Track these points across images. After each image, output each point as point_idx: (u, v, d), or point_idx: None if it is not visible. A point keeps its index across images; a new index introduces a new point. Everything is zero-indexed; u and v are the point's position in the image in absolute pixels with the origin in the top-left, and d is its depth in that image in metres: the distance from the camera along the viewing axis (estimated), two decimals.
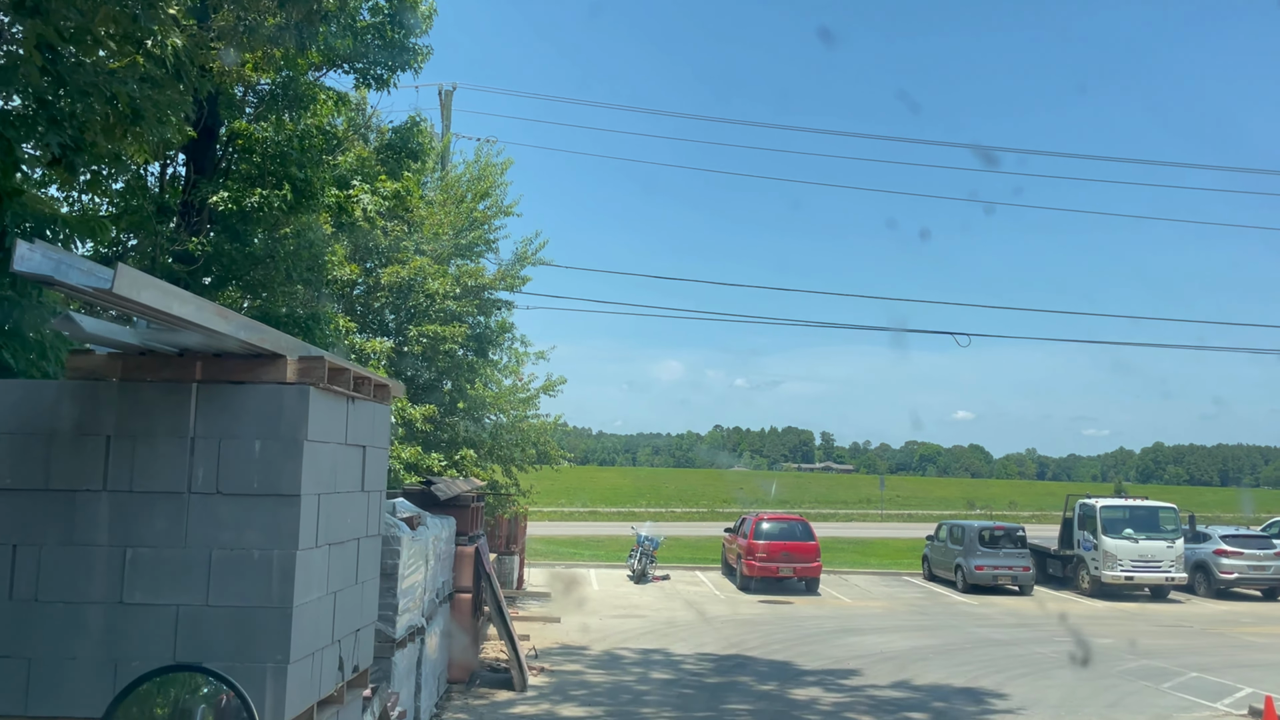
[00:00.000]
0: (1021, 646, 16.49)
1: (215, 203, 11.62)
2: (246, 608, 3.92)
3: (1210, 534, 25.93)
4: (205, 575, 3.94)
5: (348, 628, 4.72)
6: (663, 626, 17.90)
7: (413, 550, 8.53)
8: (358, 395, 4.65)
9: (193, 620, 3.92)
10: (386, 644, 7.93)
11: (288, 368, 4.01)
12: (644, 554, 26.08)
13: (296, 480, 3.97)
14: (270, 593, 3.92)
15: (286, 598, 3.92)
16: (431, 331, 17.92)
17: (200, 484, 3.98)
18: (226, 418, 3.99)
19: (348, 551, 4.65)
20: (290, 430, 3.98)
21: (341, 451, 4.50)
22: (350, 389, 4.48)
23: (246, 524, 3.95)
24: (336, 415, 4.41)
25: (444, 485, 11.81)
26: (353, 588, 4.73)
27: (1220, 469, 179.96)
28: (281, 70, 12.09)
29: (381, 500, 5.23)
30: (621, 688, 12.45)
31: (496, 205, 21.05)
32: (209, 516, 3.96)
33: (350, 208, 12.98)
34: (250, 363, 4.01)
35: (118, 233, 12.05)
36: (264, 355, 3.99)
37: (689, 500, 75.46)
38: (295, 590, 3.94)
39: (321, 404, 4.18)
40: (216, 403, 3.99)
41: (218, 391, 4.00)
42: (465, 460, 18.71)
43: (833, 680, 13.19)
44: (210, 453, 3.99)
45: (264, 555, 3.94)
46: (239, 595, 3.93)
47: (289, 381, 4.02)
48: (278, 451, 3.98)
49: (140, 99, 7.72)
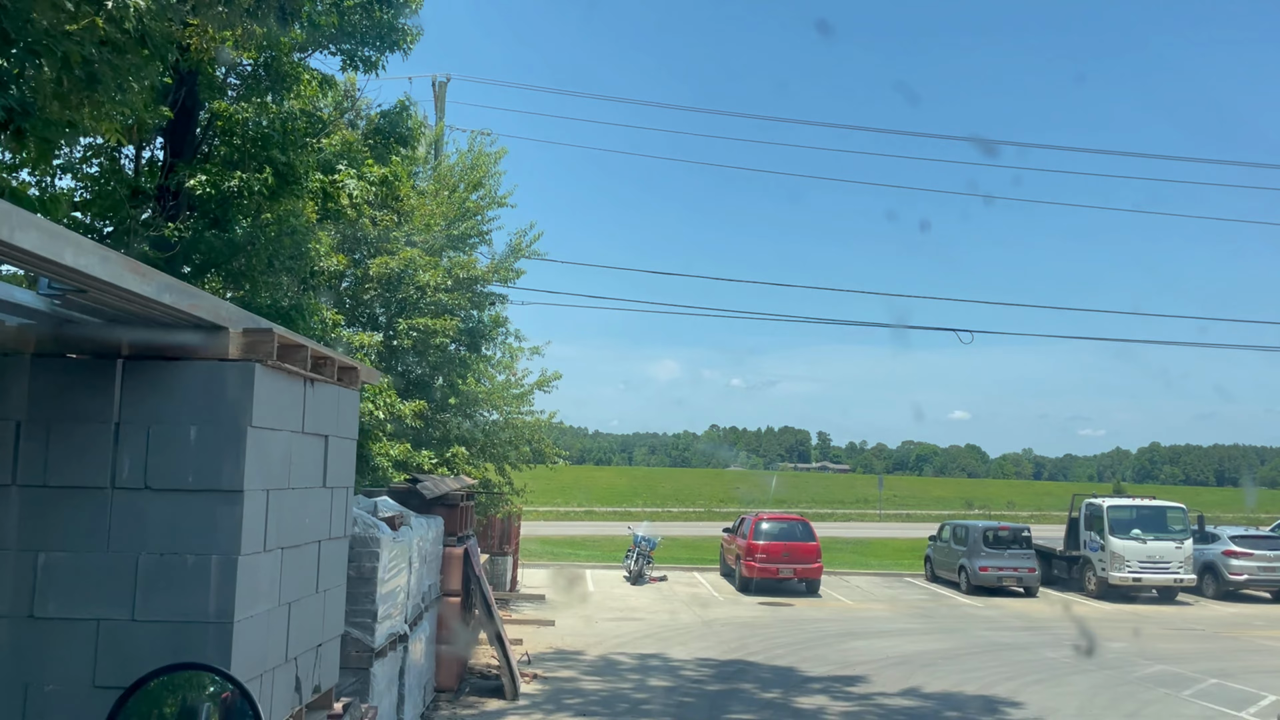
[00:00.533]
0: (1031, 651, 15.95)
1: (193, 186, 11.03)
2: (180, 622, 3.34)
3: (1219, 534, 25.41)
4: (131, 584, 3.36)
5: (306, 643, 4.14)
6: (660, 630, 17.33)
7: (394, 552, 7.95)
8: (318, 377, 4.07)
9: (116, 637, 3.34)
10: (365, 653, 7.36)
11: (230, 341, 3.43)
12: (641, 554, 25.50)
13: (239, 473, 3.38)
14: (207, 605, 3.34)
15: (226, 610, 3.34)
16: (422, 324, 17.32)
17: (126, 477, 3.39)
18: (157, 400, 3.41)
19: (306, 556, 4.06)
20: (232, 415, 3.40)
21: (297, 441, 3.91)
22: (307, 369, 3.89)
23: (180, 524, 3.37)
24: (290, 399, 3.83)
25: (431, 483, 11.22)
26: (312, 597, 4.15)
27: (1216, 469, 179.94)
28: (264, 49, 11.52)
29: (349, 498, 4.65)
30: (618, 696, 11.88)
31: (490, 195, 20.46)
32: (136, 516, 3.38)
33: (336, 194, 12.44)
34: (186, 335, 3.42)
35: (91, 218, 11.50)
36: (203, 326, 3.40)
37: (686, 500, 74.92)
38: (237, 602, 3.35)
39: (271, 385, 3.59)
40: (146, 382, 3.41)
41: (148, 369, 3.41)
42: (457, 458, 18.12)
43: (839, 688, 12.63)
44: (138, 441, 3.40)
45: (200, 561, 3.36)
46: (171, 608, 3.35)
47: (231, 358, 3.44)
48: (217, 439, 3.39)
49: (100, 64, 7.14)
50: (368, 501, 8.63)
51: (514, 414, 20.83)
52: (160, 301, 2.98)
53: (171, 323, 3.36)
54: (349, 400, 4.56)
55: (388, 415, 15.34)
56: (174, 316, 3.24)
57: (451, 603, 11.28)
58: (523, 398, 21.19)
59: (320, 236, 14.36)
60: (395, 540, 8.02)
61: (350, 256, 17.96)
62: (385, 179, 13.18)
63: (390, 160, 13.76)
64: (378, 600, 7.40)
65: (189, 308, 3.16)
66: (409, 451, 16.09)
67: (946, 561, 25.95)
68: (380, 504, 8.80)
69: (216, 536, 3.36)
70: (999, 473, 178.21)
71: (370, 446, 14.97)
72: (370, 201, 15.57)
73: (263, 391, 3.50)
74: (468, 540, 12.11)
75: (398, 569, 8.15)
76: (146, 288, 2.88)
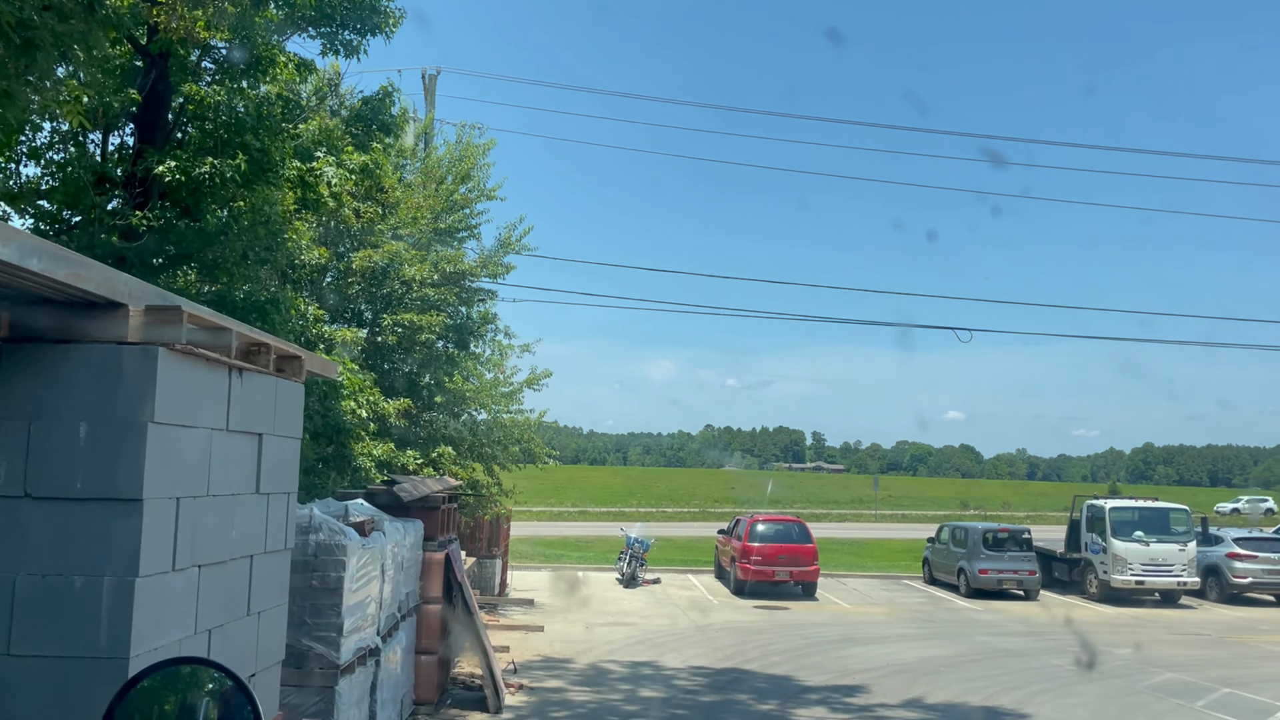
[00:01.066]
0: (1035, 658, 15.43)
1: (162, 173, 10.46)
2: (65, 659, 2.78)
3: (1223, 536, 24.95)
4: (6, 613, 2.80)
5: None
6: (653, 635, 16.77)
7: (364, 559, 7.39)
8: (249, 366, 3.51)
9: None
10: (329, 670, 6.79)
11: (129, 321, 2.87)
12: (634, 556, 24.93)
13: (137, 478, 2.82)
14: (98, 638, 2.78)
15: (121, 644, 2.78)
16: (408, 320, 16.77)
17: (1, 483, 2.83)
18: (38, 391, 2.85)
19: (233, 575, 3.50)
20: (130, 408, 2.84)
21: (221, 441, 3.35)
22: (232, 356, 3.33)
23: (66, 540, 2.81)
24: (210, 390, 3.26)
25: (410, 485, 10.65)
26: (241, 622, 3.58)
27: (1210, 469, 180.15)
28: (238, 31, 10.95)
29: (291, 505, 4.08)
30: (607, 708, 11.32)
31: (479, 188, 19.90)
32: (13, 529, 2.82)
33: (314, 182, 11.91)
34: (75, 314, 2.86)
35: (57, 207, 10.96)
36: (94, 303, 2.84)
37: (680, 500, 74.40)
38: (134, 633, 2.79)
39: (181, 373, 3.03)
40: (24, 370, 2.85)
41: (25, 354, 2.85)
42: (444, 458, 17.57)
43: (838, 699, 12.09)
44: (16, 439, 2.84)
45: (90, 584, 2.80)
46: (54, 642, 2.79)
47: (130, 341, 2.88)
48: (111, 438, 2.84)
49: (40, 29, 6.58)
50: (338, 505, 8.06)
51: (503, 412, 20.28)
52: (25, 269, 2.42)
53: (56, 298, 2.80)
54: (291, 394, 4.00)
55: (371, 414, 14.77)
56: (55, 289, 2.68)
57: (432, 611, 10.71)
58: (512, 396, 20.65)
59: (299, 227, 13.80)
60: (365, 547, 7.45)
61: (333, 250, 17.39)
62: (365, 167, 12.67)
63: (372, 148, 13.21)
64: (344, 612, 6.84)
65: (69, 278, 2.60)
66: (393, 451, 15.54)
67: (945, 564, 25.45)
68: (352, 508, 8.23)
69: (110, 554, 2.80)
70: (993, 473, 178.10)
71: (352, 446, 14.40)
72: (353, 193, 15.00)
73: (170, 381, 2.94)
74: (450, 544, 11.54)
75: (368, 577, 7.59)
76: (3, 251, 2.32)
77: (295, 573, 6.58)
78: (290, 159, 11.50)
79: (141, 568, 2.83)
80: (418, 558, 10.42)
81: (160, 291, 3.02)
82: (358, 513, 8.11)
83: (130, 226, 10.37)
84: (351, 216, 16.99)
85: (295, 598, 6.53)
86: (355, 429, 14.37)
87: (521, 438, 20.32)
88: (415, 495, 10.44)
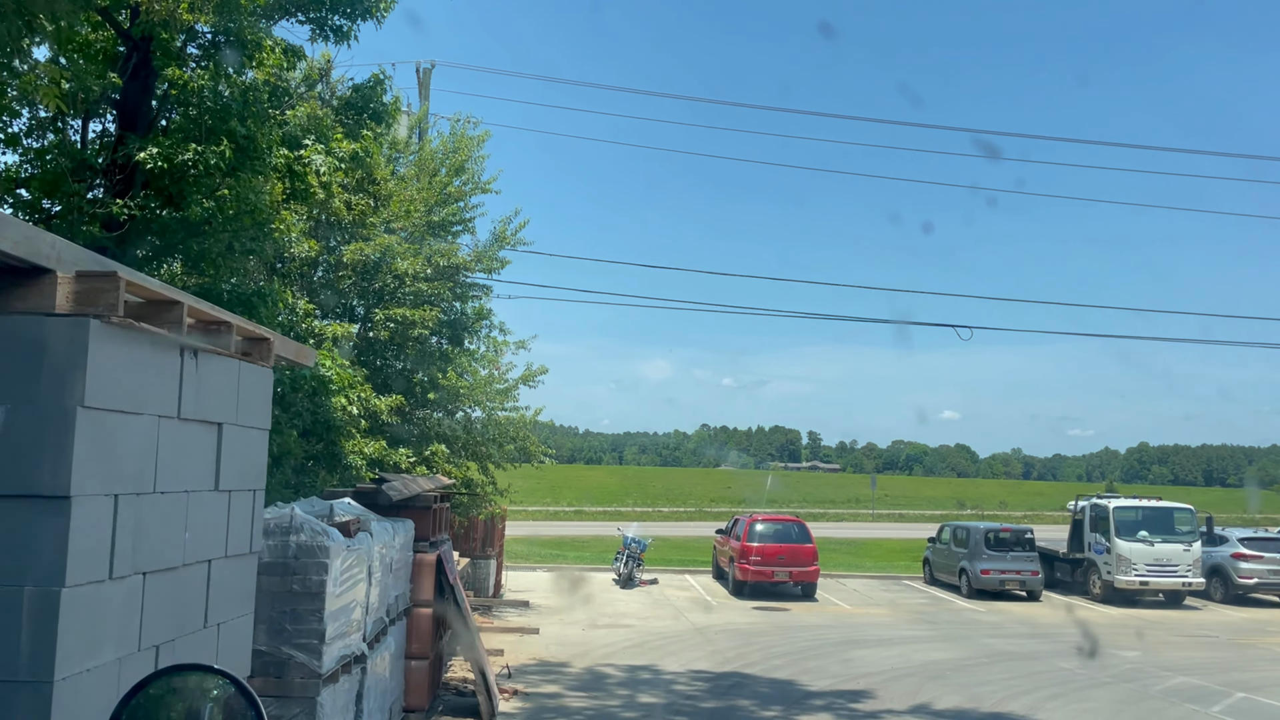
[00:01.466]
0: (1043, 661, 15.07)
1: (144, 160, 10.07)
2: None
3: (1228, 536, 24.62)
4: None
5: None
6: (651, 638, 16.38)
7: (348, 562, 6.98)
8: (206, 347, 3.10)
9: None
10: (311, 680, 6.38)
11: (56, 289, 2.46)
12: (630, 557, 24.53)
13: (64, 471, 2.42)
14: (17, 658, 2.37)
15: (44, 665, 2.37)
16: (400, 315, 16.36)
17: None
18: None
19: (186, 582, 3.09)
20: (55, 390, 2.43)
21: (171, 430, 2.94)
22: (184, 333, 2.92)
23: None
24: (158, 372, 2.86)
25: (400, 484, 10.24)
26: (197, 635, 3.18)
27: (1205, 469, 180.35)
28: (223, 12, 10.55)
29: (257, 504, 3.68)
30: (606, 715, 10.93)
31: (473, 181, 19.47)
32: None
33: (303, 171, 11.52)
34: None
35: (35, 196, 10.57)
36: (17, 268, 2.44)
37: (676, 499, 74.05)
38: (60, 652, 2.39)
39: (121, 350, 2.63)
40: None
41: None
42: (437, 456, 17.16)
43: (843, 704, 11.70)
44: None
45: (9, 595, 2.39)
46: None
47: (58, 311, 2.47)
48: (33, 425, 2.43)
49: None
50: (322, 505, 7.66)
51: (498, 410, 19.88)
52: None
53: None
54: (257, 379, 3.59)
55: (363, 411, 14.35)
56: None
57: (423, 614, 10.30)
58: (507, 393, 20.24)
59: (287, 218, 13.38)
60: (350, 548, 7.05)
61: (324, 243, 16.98)
62: (356, 155, 12.27)
63: (362, 135, 12.82)
64: (326, 618, 6.43)
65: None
66: (385, 449, 15.11)
67: (946, 564, 25.09)
68: (338, 507, 7.83)
69: (31, 560, 2.39)
70: (989, 472, 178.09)
71: (343, 444, 13.97)
72: (344, 185, 14.56)
73: (105, 359, 2.54)
74: (442, 545, 11.14)
75: (353, 580, 7.18)
76: None
77: (274, 576, 6.18)
78: (278, 146, 11.13)
79: (69, 576, 2.42)
80: (408, 559, 10.02)
81: (95, 256, 2.62)
82: (343, 512, 7.71)
83: (111, 215, 9.99)
84: (343, 209, 16.59)
85: (274, 603, 6.13)
86: (346, 426, 13.96)
87: (517, 436, 19.91)
88: (406, 494, 10.04)
